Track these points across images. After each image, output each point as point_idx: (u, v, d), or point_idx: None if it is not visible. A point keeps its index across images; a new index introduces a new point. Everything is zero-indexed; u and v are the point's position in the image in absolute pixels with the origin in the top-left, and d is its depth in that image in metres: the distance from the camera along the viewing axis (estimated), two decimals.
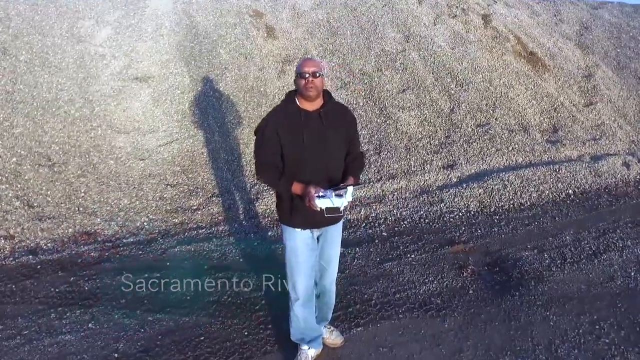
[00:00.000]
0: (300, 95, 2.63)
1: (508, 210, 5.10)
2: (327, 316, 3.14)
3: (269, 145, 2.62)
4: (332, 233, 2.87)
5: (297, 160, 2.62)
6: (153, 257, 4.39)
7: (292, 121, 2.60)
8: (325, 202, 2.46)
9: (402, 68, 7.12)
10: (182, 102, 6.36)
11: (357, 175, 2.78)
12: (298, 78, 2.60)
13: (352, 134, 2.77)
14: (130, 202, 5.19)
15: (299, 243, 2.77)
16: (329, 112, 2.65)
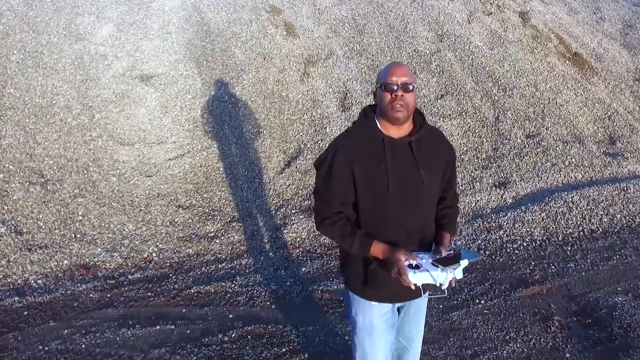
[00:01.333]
0: (383, 116, 1.86)
1: (579, 239, 4.34)
2: None
3: (337, 188, 1.86)
4: (417, 302, 2.11)
5: (378, 210, 1.87)
6: (164, 300, 3.63)
7: (373, 153, 1.84)
8: (422, 276, 1.72)
9: (439, 71, 6.37)
10: (194, 108, 5.59)
11: (454, 231, 2.03)
12: (382, 91, 1.82)
13: (450, 172, 2.02)
14: (136, 228, 4.43)
15: (375, 320, 2.01)
16: (423, 142, 1.90)
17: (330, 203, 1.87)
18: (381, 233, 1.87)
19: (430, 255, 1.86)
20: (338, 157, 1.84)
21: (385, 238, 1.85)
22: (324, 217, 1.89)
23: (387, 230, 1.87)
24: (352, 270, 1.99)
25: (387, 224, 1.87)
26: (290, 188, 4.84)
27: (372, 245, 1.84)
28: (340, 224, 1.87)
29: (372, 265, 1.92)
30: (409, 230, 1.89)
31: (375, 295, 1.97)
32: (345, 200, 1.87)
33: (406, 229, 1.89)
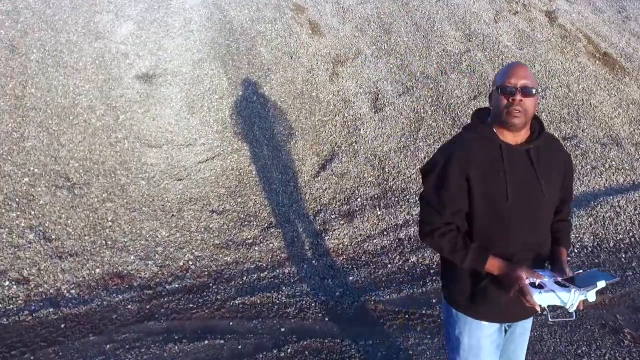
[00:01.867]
0: (498, 122, 1.71)
1: (632, 246, 4.18)
2: None
3: (451, 197, 1.69)
4: (524, 323, 1.94)
5: (493, 222, 1.71)
6: (208, 312, 3.44)
7: (490, 160, 1.69)
8: (549, 297, 1.57)
9: (470, 71, 6.20)
10: (221, 108, 5.40)
11: (569, 246, 1.86)
12: (498, 93, 1.68)
13: (569, 181, 1.87)
14: (170, 235, 4.24)
15: (483, 341, 1.85)
16: (542, 150, 1.75)
17: (442, 213, 1.71)
18: (495, 246, 1.71)
19: (549, 273, 1.70)
20: (452, 164, 1.68)
21: (500, 252, 1.70)
22: (433, 229, 1.73)
23: (502, 243, 1.72)
24: (459, 287, 1.82)
25: (502, 237, 1.72)
26: (327, 192, 4.67)
27: (489, 260, 1.67)
28: (450, 235, 1.71)
29: (483, 282, 1.75)
30: (526, 244, 1.73)
31: (485, 314, 1.81)
32: (458, 209, 1.71)
33: (523, 242, 1.73)
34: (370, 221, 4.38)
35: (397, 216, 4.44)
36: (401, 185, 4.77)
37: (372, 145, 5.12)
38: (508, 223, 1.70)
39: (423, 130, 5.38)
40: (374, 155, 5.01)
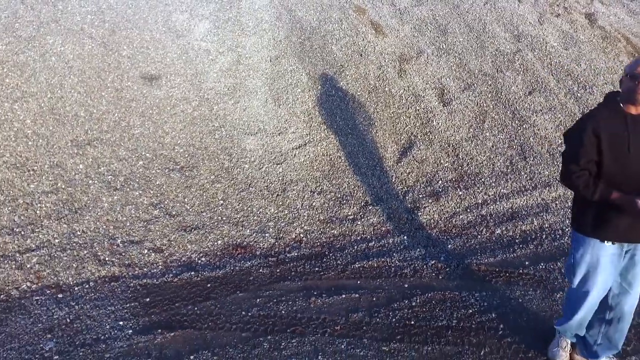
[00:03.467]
0: (627, 99, 2.37)
1: None
2: (618, 344, 2.75)
3: (585, 150, 2.35)
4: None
5: (617, 168, 2.35)
6: (335, 274, 3.97)
7: (617, 126, 2.34)
8: None
9: (522, 69, 6.74)
10: (305, 101, 5.93)
11: None
12: (628, 79, 2.33)
13: None
14: (278, 212, 4.77)
15: (603, 259, 2.49)
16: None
17: (579, 161, 2.34)
18: (617, 186, 2.32)
19: None
20: (587, 127, 2.35)
21: (619, 190, 2.31)
22: (572, 172, 2.38)
23: (623, 184, 2.32)
24: (586, 214, 2.45)
25: (624, 180, 2.33)
26: (410, 175, 5.20)
27: (612, 192, 2.30)
28: (584, 177, 2.36)
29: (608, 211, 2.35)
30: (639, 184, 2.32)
31: (608, 235, 2.42)
32: (590, 159, 2.34)
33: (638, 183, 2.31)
34: (453, 200, 4.91)
35: (476, 196, 4.97)
36: (475, 170, 5.30)
37: (445, 135, 5.65)
38: (628, 169, 2.32)
39: (487, 122, 5.91)
40: (447, 144, 5.55)
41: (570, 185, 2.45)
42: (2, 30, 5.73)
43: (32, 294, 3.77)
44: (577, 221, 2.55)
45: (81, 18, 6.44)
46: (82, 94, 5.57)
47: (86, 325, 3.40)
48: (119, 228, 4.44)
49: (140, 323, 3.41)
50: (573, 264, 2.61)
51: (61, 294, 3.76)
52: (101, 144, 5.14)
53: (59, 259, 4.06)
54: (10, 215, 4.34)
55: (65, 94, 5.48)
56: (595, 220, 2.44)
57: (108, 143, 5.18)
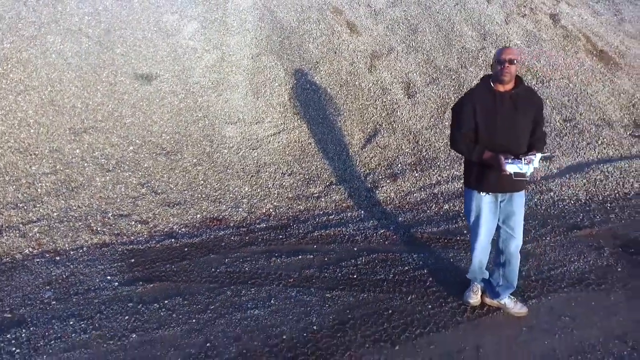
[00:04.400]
0: (496, 79, 2.96)
1: (616, 199, 5.29)
2: (514, 283, 3.32)
3: (466, 120, 2.97)
4: (516, 201, 3.11)
5: (489, 134, 2.94)
6: (296, 241, 4.55)
7: (487, 100, 2.93)
8: (513, 167, 2.77)
9: (485, 65, 7.31)
10: (281, 94, 6.52)
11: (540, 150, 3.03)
12: (496, 64, 2.92)
13: (538, 115, 3.03)
14: (251, 190, 5.36)
15: (482, 205, 3.10)
16: (520, 94, 2.96)
17: (461, 129, 2.98)
18: (490, 147, 2.91)
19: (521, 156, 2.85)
20: (466, 102, 2.98)
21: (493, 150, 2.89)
22: (456, 139, 3.02)
23: (493, 146, 2.91)
24: (471, 172, 3.08)
25: (494, 142, 2.92)
26: (373, 160, 5.79)
27: (485, 152, 2.89)
28: (466, 141, 2.98)
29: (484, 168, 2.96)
30: (506, 147, 2.90)
31: (483, 187, 3.04)
32: (469, 127, 2.96)
33: (505, 145, 2.91)
34: (410, 181, 5.50)
35: (430, 177, 5.55)
36: (432, 155, 5.88)
37: (408, 124, 6.24)
38: (496, 135, 2.91)
39: (448, 112, 6.49)
40: (409, 132, 6.13)
41: (456, 148, 3.07)
42: (6, 30, 6.36)
43: (34, 257, 4.37)
44: (465, 177, 3.19)
45: (79, 19, 7.06)
46: (79, 87, 6.18)
47: (79, 279, 4.00)
48: (110, 204, 5.03)
49: (125, 278, 4.01)
50: (466, 211, 3.23)
51: (58, 257, 4.36)
52: (96, 132, 5.75)
53: (57, 229, 4.66)
54: (14, 193, 4.94)
55: (64, 88, 6.10)
56: (475, 176, 3.07)
57: (102, 131, 5.79)
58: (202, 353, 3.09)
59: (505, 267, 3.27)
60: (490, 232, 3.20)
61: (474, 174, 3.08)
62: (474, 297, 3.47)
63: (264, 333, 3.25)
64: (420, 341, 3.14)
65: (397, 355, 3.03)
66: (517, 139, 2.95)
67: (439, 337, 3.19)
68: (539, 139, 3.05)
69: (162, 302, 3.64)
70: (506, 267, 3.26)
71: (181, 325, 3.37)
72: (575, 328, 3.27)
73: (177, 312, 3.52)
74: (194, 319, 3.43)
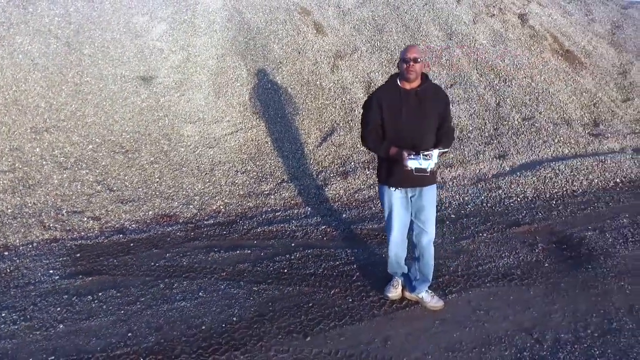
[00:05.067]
0: (402, 77, 3.04)
1: (563, 197, 5.38)
2: (429, 276, 3.43)
3: (373, 117, 3.07)
4: (426, 196, 3.21)
5: (395, 130, 3.05)
6: (238, 236, 4.68)
7: (393, 97, 3.02)
8: (414, 163, 2.86)
9: (448, 64, 7.42)
10: (242, 94, 6.65)
11: (446, 145, 3.14)
12: (401, 62, 3.00)
13: (443, 111, 3.13)
14: (204, 187, 5.49)
15: (393, 200, 3.21)
16: (425, 91, 3.06)
17: (369, 126, 3.08)
18: (397, 142, 3.02)
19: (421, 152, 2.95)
20: (374, 99, 3.08)
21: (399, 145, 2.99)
22: (365, 136, 3.12)
23: (399, 142, 3.01)
24: (381, 168, 3.18)
25: (400, 137, 3.02)
26: (327, 158, 5.90)
27: (391, 148, 3.00)
28: (374, 138, 3.09)
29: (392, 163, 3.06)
30: (412, 142, 3.00)
31: (393, 182, 3.14)
32: (377, 122, 3.06)
33: (411, 141, 3.00)
34: (360, 179, 5.61)
35: None
36: None
37: None
38: (402, 130, 3.01)
39: None
40: None
41: (365, 145, 3.17)
42: None
43: None
44: (377, 173, 3.29)
45: (49, 20, 7.22)
46: (44, 87, 6.34)
47: (22, 273, 4.14)
48: (65, 201, 5.18)
49: (67, 271, 4.15)
50: (381, 206, 3.33)
51: (7, 252, 4.50)
52: (57, 131, 5.90)
53: (9, 225, 4.81)
54: None
55: (28, 88, 6.25)
56: (385, 172, 3.17)
57: (63, 130, 5.94)
58: (122, 342, 3.22)
59: (419, 261, 3.38)
60: (404, 227, 3.31)
61: (384, 169, 3.19)
62: (394, 291, 3.58)
63: (185, 324, 3.38)
64: (332, 333, 3.25)
65: (306, 345, 3.15)
66: (423, 134, 3.05)
67: (351, 329, 3.30)
68: (446, 134, 3.15)
69: (96, 294, 3.77)
70: (420, 260, 3.38)
71: (109, 316, 3.50)
72: (487, 321, 3.38)
73: (108, 303, 3.65)
74: (122, 310, 3.56)
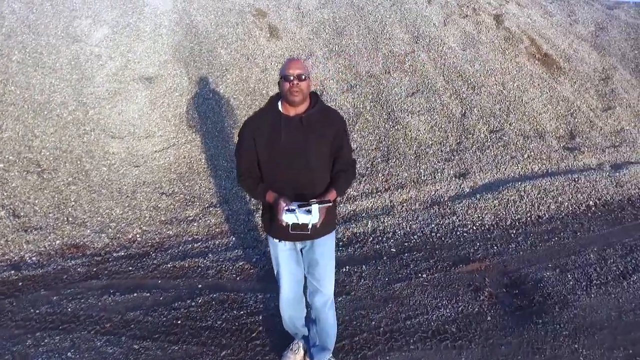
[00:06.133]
0: (285, 100, 2.38)
1: (525, 224, 4.75)
2: (327, 344, 2.82)
3: (246, 151, 2.44)
4: (319, 248, 2.57)
5: (273, 168, 2.40)
6: (144, 273, 4.08)
7: (271, 126, 2.38)
8: (290, 217, 2.23)
9: (412, 70, 6.79)
10: (180, 105, 6.05)
11: (342, 189, 2.51)
12: (282, 81, 2.34)
13: (340, 141, 2.47)
14: (123, 213, 4.88)
15: (280, 254, 2.60)
16: (313, 117, 2.39)
17: (242, 162, 2.45)
18: (275, 185, 2.39)
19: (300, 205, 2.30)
20: (246, 130, 2.43)
21: (278, 188, 2.37)
22: (239, 173, 2.48)
23: (280, 182, 2.38)
24: (264, 214, 2.54)
25: (279, 178, 2.39)
26: None
27: (267, 193, 2.37)
28: (249, 180, 2.44)
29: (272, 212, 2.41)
30: (297, 185, 2.38)
31: (277, 234, 2.49)
32: (251, 158, 2.42)
33: (294, 182, 2.38)
34: None
35: None
36: None
37: None
38: (281, 169, 2.37)
39: (360, 123, 5.98)
40: None
41: (240, 184, 2.53)
42: None
43: None
44: (262, 221, 2.64)
45: None
46: None
47: None
48: None
49: None
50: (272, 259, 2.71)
51: None
52: None
53: None
54: None
55: None
56: (268, 219, 2.53)
57: None
58: None
59: (316, 324, 2.77)
60: (296, 284, 2.70)
61: (266, 217, 2.57)
62: (291, 357, 2.95)
63: None
64: None
65: None
66: (310, 174, 2.41)
67: None
68: (343, 172, 2.51)
69: None
70: (317, 324, 2.76)
71: None
72: None
73: None
74: None
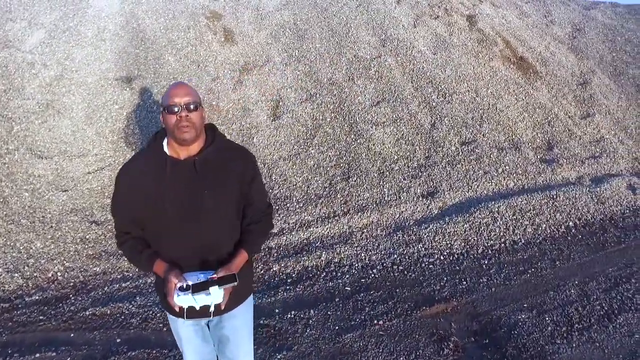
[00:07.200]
0: (172, 138, 1.82)
1: (499, 252, 4.27)
2: None
3: (123, 208, 1.87)
4: (232, 322, 2.06)
5: (158, 229, 1.84)
6: (55, 324, 3.48)
7: (155, 174, 1.81)
8: (186, 300, 1.71)
9: (377, 77, 6.27)
10: (119, 119, 5.43)
11: (255, 247, 1.99)
12: (166, 113, 1.78)
13: (248, 187, 1.92)
14: (44, 247, 4.27)
15: (181, 331, 2.05)
16: (210, 160, 1.85)
17: (119, 222, 1.88)
18: (164, 251, 1.84)
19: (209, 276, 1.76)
20: (122, 180, 1.85)
21: (169, 256, 1.82)
22: (117, 237, 1.90)
23: (169, 248, 1.84)
24: (160, 285, 1.93)
25: (168, 243, 1.84)
26: None
27: (155, 263, 1.81)
28: (129, 243, 1.87)
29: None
30: (192, 248, 1.83)
31: (172, 311, 1.93)
32: (131, 218, 1.85)
33: (189, 247, 1.83)
34: None
35: (274, 224, 4.49)
36: (285, 193, 4.83)
37: (263, 154, 5.17)
38: (171, 230, 1.81)
39: (319, 137, 5.44)
40: (263, 164, 5.07)
41: (120, 249, 1.96)
42: None
43: None
44: (156, 290, 2.07)
45: None
46: None
47: None
48: None
49: None
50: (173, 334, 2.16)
51: None
52: None
53: None
54: None
55: None
56: (162, 292, 1.94)
57: None
58: None
59: None
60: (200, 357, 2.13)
61: (160, 290, 1.97)
62: None
63: None
64: None
65: None
66: (210, 234, 1.86)
67: None
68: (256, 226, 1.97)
69: None
70: None
71: None
72: None
73: None
74: None
